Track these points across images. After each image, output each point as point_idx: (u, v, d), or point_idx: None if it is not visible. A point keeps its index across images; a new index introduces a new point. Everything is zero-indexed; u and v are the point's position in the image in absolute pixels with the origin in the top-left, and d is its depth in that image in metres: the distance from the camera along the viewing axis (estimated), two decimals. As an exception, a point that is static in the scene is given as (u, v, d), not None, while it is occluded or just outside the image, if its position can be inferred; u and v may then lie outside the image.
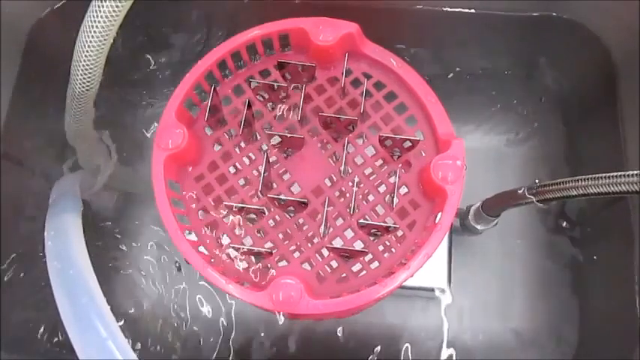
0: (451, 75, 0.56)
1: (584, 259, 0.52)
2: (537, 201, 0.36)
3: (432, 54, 0.56)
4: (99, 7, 0.33)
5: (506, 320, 0.52)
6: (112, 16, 0.33)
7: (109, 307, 0.32)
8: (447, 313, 0.51)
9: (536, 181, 0.37)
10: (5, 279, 0.48)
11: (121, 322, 0.33)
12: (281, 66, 0.38)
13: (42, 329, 0.50)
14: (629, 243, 0.46)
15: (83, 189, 0.46)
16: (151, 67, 0.58)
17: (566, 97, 0.56)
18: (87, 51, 0.35)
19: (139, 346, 0.51)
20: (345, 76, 0.38)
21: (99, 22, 0.33)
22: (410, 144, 0.36)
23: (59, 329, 0.49)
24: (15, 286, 0.50)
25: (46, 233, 0.37)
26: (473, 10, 0.52)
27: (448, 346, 0.51)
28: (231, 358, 0.51)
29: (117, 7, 0.33)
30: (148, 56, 0.58)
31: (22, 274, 0.50)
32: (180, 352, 0.52)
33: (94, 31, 0.34)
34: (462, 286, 0.52)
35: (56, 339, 0.50)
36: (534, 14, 0.52)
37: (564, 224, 0.53)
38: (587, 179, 0.32)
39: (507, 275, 0.53)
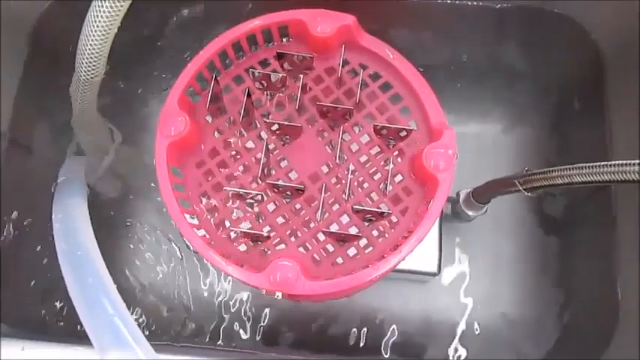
0: (444, 65, 0.57)
1: (569, 247, 0.53)
2: (525, 189, 0.37)
3: (425, 45, 0.56)
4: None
5: (495, 303, 0.53)
6: (117, 3, 0.34)
7: (115, 286, 0.33)
8: (437, 295, 0.53)
9: (525, 169, 0.38)
10: (11, 261, 0.50)
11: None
12: (280, 56, 0.38)
13: (49, 310, 0.51)
14: (610, 231, 0.47)
15: (87, 173, 0.46)
16: (156, 56, 0.58)
17: (556, 89, 0.57)
18: (92, 38, 0.35)
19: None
20: (342, 67, 0.39)
21: (105, 8, 0.34)
22: (404, 133, 0.37)
23: (65, 308, 0.51)
24: (21, 267, 0.51)
25: (53, 216, 0.38)
26: (465, 2, 0.53)
27: (438, 328, 0.52)
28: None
29: None
30: (153, 45, 0.58)
31: (28, 255, 0.51)
32: (178, 331, 0.53)
33: (100, 18, 0.34)
34: (453, 270, 0.53)
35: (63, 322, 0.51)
36: (526, 6, 0.53)
37: (551, 213, 0.55)
38: (572, 169, 0.33)
39: (496, 261, 0.54)
